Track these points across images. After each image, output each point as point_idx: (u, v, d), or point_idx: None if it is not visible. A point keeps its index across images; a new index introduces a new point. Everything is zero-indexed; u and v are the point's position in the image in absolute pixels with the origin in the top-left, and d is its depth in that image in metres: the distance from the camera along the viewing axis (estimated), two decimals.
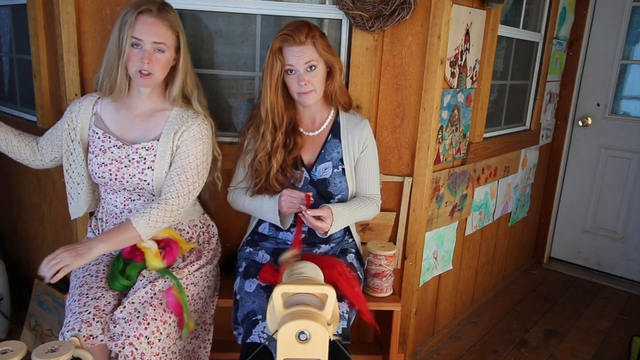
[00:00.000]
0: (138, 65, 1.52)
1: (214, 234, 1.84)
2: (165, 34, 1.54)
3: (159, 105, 1.67)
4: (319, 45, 1.61)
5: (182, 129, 1.63)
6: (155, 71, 1.55)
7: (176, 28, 1.57)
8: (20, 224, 2.53)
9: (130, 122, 1.65)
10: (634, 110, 3.26)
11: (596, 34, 3.23)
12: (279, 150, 1.69)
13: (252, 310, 1.54)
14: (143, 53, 1.51)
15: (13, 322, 2.42)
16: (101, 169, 1.61)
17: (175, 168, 1.61)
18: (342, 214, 1.69)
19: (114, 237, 1.51)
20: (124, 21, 1.51)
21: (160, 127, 1.65)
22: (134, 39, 1.51)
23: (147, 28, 1.51)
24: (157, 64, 1.54)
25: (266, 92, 1.65)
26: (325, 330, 1.11)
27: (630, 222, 3.28)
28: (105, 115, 1.66)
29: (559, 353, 2.51)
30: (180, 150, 1.62)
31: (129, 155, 1.61)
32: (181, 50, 1.60)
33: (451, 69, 2.09)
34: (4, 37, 2.47)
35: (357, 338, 2.24)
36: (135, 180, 1.61)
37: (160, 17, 1.53)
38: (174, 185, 1.59)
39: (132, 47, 1.52)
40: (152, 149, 1.62)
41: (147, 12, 1.51)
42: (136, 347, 1.35)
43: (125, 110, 1.66)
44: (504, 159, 2.77)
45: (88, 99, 1.68)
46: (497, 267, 3.07)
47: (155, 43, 1.52)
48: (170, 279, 1.52)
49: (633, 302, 3.11)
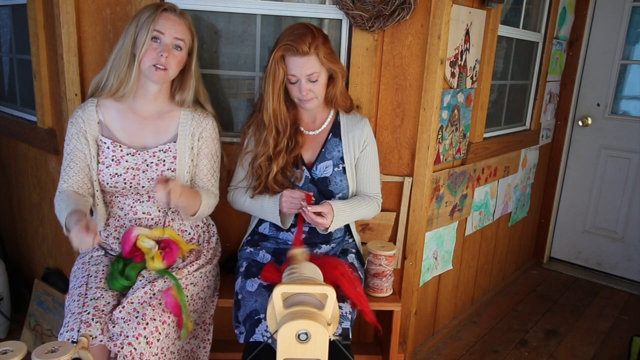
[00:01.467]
0: (155, 58, 1.53)
1: (214, 233, 1.84)
2: (185, 33, 1.58)
3: (166, 107, 1.67)
4: (321, 55, 1.60)
5: (199, 129, 1.67)
6: (171, 67, 1.56)
7: (192, 30, 1.62)
8: (20, 224, 2.53)
9: (138, 126, 1.64)
10: (634, 110, 3.26)
11: (596, 34, 3.23)
12: (281, 155, 1.69)
13: (254, 309, 1.54)
14: (162, 47, 1.54)
15: (13, 322, 2.42)
16: (114, 179, 1.59)
17: (211, 165, 1.71)
18: (343, 210, 1.70)
19: (189, 195, 1.56)
20: (144, 17, 1.54)
21: (173, 129, 1.66)
22: (156, 32, 1.53)
23: (170, 24, 1.54)
24: (173, 60, 1.56)
25: (269, 99, 1.65)
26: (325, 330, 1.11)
27: (630, 222, 3.28)
28: (111, 122, 1.63)
29: (559, 353, 2.51)
30: (203, 152, 1.69)
31: (146, 160, 1.61)
32: (194, 53, 1.63)
33: (451, 69, 2.09)
34: (4, 37, 2.47)
35: (357, 338, 2.24)
36: (153, 184, 1.60)
37: (182, 17, 1.59)
38: (216, 181, 1.73)
39: (152, 41, 1.53)
40: (169, 150, 1.63)
41: (170, 10, 1.57)
42: (135, 347, 1.35)
43: (131, 114, 1.64)
44: (504, 159, 2.77)
45: (89, 108, 1.62)
46: (497, 267, 3.07)
47: (175, 39, 1.55)
48: (169, 280, 1.52)
49: (633, 302, 3.11)
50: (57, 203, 1.56)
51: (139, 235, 1.58)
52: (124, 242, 1.58)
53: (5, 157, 2.53)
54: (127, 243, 1.57)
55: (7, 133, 2.43)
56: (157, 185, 1.43)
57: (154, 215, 1.66)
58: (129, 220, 1.65)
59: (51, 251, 2.32)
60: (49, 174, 2.17)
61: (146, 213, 1.65)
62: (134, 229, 1.59)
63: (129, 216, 1.65)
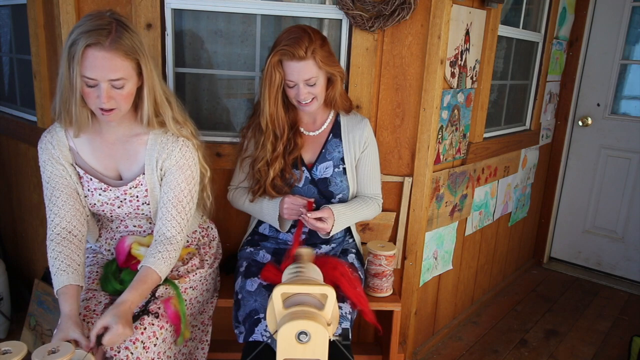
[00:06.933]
0: (97, 103, 1.33)
1: (214, 236, 1.83)
2: (122, 67, 1.31)
3: (134, 130, 1.50)
4: (319, 59, 1.58)
5: (162, 156, 1.49)
6: (120, 105, 1.36)
7: (134, 54, 1.33)
8: (20, 224, 2.53)
9: (108, 150, 1.50)
10: (634, 110, 3.26)
11: (596, 34, 3.23)
12: (277, 160, 1.68)
13: (254, 309, 1.54)
14: (100, 91, 1.31)
15: (13, 322, 2.42)
16: (95, 207, 1.53)
17: (170, 199, 1.49)
18: (344, 213, 1.69)
19: (140, 289, 1.38)
20: (71, 54, 1.28)
21: (141, 156, 1.50)
22: (86, 79, 1.29)
23: (100, 64, 1.27)
24: (118, 98, 1.34)
25: (266, 104, 1.64)
26: (325, 331, 1.11)
27: (630, 222, 3.28)
28: (81, 150, 1.49)
29: (559, 353, 2.51)
30: (168, 180, 1.50)
31: (118, 197, 1.51)
32: (144, 73, 1.37)
33: (451, 69, 2.09)
34: (4, 37, 2.47)
35: (357, 338, 2.24)
36: (132, 214, 1.57)
37: (113, 49, 1.28)
38: (175, 219, 1.49)
39: (86, 86, 1.31)
40: (140, 185, 1.51)
41: (95, 45, 1.26)
42: (132, 352, 1.34)
43: (99, 140, 1.49)
44: (504, 159, 2.77)
45: (59, 133, 1.47)
46: (497, 267, 3.07)
47: (112, 80, 1.31)
48: (170, 287, 1.51)
49: (633, 302, 3.11)
50: (51, 253, 1.45)
51: (132, 243, 1.56)
52: (118, 252, 1.56)
53: (5, 157, 2.53)
54: (122, 253, 1.55)
55: (7, 133, 2.43)
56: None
57: (145, 227, 1.62)
58: (119, 233, 1.63)
59: None
60: None
61: (137, 226, 1.62)
62: (127, 237, 1.58)
63: (120, 229, 1.63)
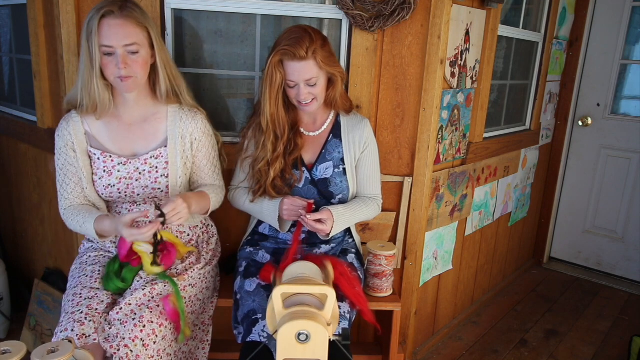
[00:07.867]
0: (115, 72, 1.44)
1: (214, 234, 1.83)
2: (135, 33, 1.44)
3: (151, 109, 1.60)
4: (319, 59, 1.58)
5: (188, 130, 1.61)
6: (136, 72, 1.47)
7: (144, 23, 1.46)
8: (20, 224, 2.53)
9: (126, 133, 1.58)
10: (634, 110, 3.26)
11: (596, 34, 3.23)
12: (278, 160, 1.68)
13: (252, 309, 1.54)
14: (117, 59, 1.42)
15: (13, 322, 2.42)
16: (108, 190, 1.58)
17: (206, 164, 1.68)
18: (343, 215, 1.69)
19: (197, 197, 1.57)
20: (89, 30, 1.41)
21: (162, 132, 1.60)
22: (104, 48, 1.41)
23: (114, 31, 1.40)
24: (134, 65, 1.45)
25: (267, 104, 1.64)
26: (325, 331, 1.11)
27: (630, 222, 3.28)
28: (98, 133, 1.58)
29: (559, 353, 2.51)
30: (199, 147, 1.65)
31: (138, 168, 1.57)
32: (155, 45, 1.50)
33: (451, 69, 2.09)
34: (4, 37, 2.47)
35: (357, 338, 2.24)
36: (147, 191, 1.59)
37: (125, 16, 1.42)
38: (217, 175, 1.72)
39: (105, 56, 1.43)
40: (161, 156, 1.58)
41: (109, 14, 1.40)
42: (131, 350, 1.34)
43: (116, 122, 1.58)
44: (504, 159, 2.77)
45: (74, 119, 1.57)
46: (497, 267, 3.07)
47: (126, 46, 1.42)
48: (169, 284, 1.51)
49: (633, 302, 3.11)
50: (71, 218, 1.56)
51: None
52: (120, 246, 1.56)
53: (5, 157, 2.53)
54: (124, 247, 1.55)
55: (7, 133, 2.43)
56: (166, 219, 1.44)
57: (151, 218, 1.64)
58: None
59: (51, 251, 2.32)
60: (49, 174, 2.17)
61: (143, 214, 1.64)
62: None
63: None
